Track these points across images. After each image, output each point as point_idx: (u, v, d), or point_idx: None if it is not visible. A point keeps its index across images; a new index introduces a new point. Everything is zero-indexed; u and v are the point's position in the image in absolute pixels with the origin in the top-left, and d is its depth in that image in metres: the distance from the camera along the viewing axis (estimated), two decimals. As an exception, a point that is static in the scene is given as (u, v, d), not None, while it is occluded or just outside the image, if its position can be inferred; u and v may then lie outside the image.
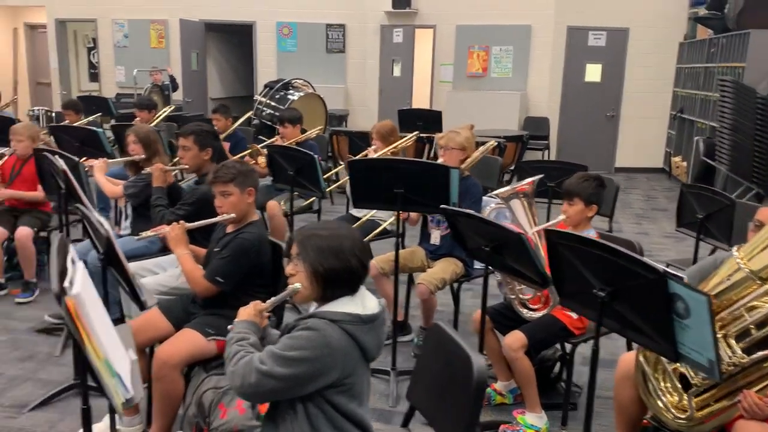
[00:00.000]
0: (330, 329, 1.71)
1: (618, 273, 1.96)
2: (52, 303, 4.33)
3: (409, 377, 3.15)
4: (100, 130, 5.42)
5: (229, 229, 2.77)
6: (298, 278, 1.80)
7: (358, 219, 4.54)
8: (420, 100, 10.80)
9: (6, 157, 4.56)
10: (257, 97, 8.60)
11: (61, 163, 3.17)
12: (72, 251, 1.71)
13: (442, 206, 2.89)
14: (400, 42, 10.59)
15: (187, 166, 3.35)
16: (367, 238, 4.22)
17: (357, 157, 4.19)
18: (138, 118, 6.12)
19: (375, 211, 4.43)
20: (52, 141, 5.68)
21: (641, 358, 2.35)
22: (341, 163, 6.93)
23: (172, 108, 6.49)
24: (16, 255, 4.62)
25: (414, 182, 3.14)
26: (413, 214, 3.82)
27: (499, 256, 2.69)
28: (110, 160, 4.09)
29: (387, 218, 4.50)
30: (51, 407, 3.09)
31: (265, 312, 1.95)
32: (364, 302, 1.80)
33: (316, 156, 4.05)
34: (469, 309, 4.16)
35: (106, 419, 2.88)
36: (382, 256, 3.79)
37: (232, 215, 2.67)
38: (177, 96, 10.26)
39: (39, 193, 4.49)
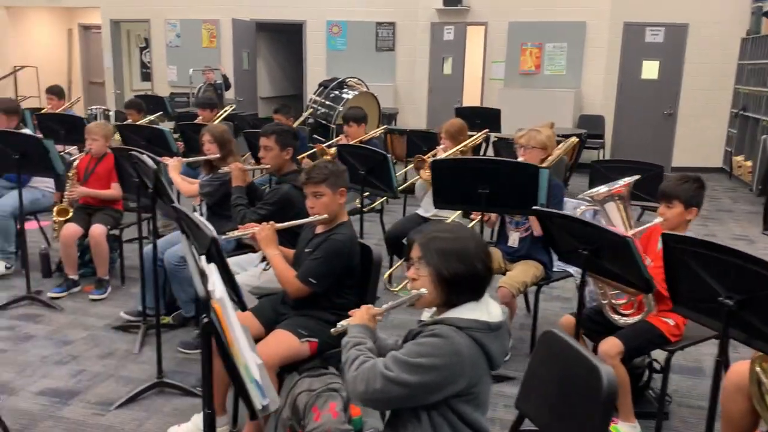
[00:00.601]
0: (458, 337, 1.65)
1: (749, 280, 1.86)
2: (124, 300, 4.41)
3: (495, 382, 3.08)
4: (166, 129, 5.49)
5: (319, 229, 2.74)
6: (420, 283, 1.74)
7: (426, 219, 4.48)
8: (470, 98, 10.70)
9: (81, 156, 4.64)
10: (312, 96, 8.61)
11: (150, 163, 3.19)
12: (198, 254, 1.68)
13: (535, 207, 2.81)
14: (451, 39, 10.50)
15: (268, 166, 3.34)
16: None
17: (439, 157, 4.16)
18: (200, 117, 6.16)
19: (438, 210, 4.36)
20: (118, 139, 5.78)
21: (758, 368, 2.23)
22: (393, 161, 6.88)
23: (233, 107, 6.52)
24: (88, 252, 4.70)
25: (500, 182, 3.07)
26: (492, 215, 3.75)
27: (597, 259, 2.60)
28: (185, 159, 4.11)
29: (457, 219, 4.43)
30: (136, 405, 3.10)
31: (378, 316, 1.91)
32: (489, 308, 1.74)
33: (388, 155, 4.00)
34: (544, 313, 4.07)
35: (195, 419, 2.89)
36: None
37: (324, 216, 2.64)
38: (228, 95, 10.35)
39: (114, 192, 4.55)
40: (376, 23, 10.82)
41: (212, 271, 1.54)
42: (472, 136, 4.76)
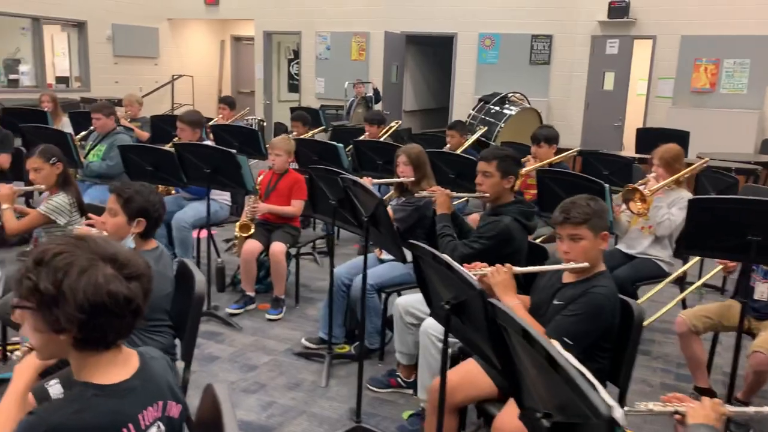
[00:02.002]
0: None
1: None
2: (300, 322, 4.23)
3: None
4: (339, 144, 5.33)
5: (568, 278, 2.35)
6: None
7: (629, 256, 3.98)
8: (631, 117, 9.93)
9: (263, 173, 4.55)
10: (471, 112, 8.27)
11: (351, 183, 2.95)
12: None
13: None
14: (614, 53, 9.79)
15: (487, 195, 2.99)
16: (656, 286, 3.64)
17: (653, 187, 3.67)
18: (367, 133, 5.98)
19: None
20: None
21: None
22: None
23: (398, 123, 6.28)
24: (262, 269, 4.60)
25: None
26: (731, 262, 3.20)
27: None
28: (377, 180, 3.86)
29: (667, 258, 3.88)
30: (334, 450, 2.86)
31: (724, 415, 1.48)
32: None
33: (606, 185, 3.54)
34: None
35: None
36: (692, 310, 3.21)
37: (585, 264, 2.24)
38: (376, 108, 10.24)
39: (295, 209, 4.41)
40: (532, 36, 10.31)
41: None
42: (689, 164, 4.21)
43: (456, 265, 1.89)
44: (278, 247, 4.24)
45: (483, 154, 3.02)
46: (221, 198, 4.96)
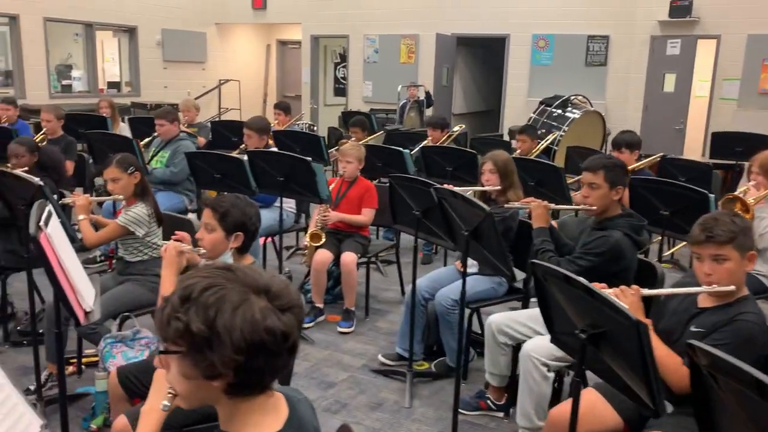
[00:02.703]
0: None
1: None
2: (372, 336, 4.07)
3: None
4: (405, 150, 5.16)
5: (705, 302, 2.12)
6: None
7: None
8: (693, 120, 9.56)
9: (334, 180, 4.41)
10: (531, 115, 8.03)
11: (448, 194, 2.77)
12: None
13: None
14: (676, 54, 9.43)
15: (594, 208, 2.78)
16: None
17: (755, 196, 3.41)
18: (430, 138, 5.80)
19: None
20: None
21: None
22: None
23: (462, 127, 6.08)
24: (330, 279, 4.46)
25: None
26: None
27: None
28: (466, 188, 3.66)
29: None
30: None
31: None
32: None
33: (711, 195, 3.30)
34: None
35: None
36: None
37: (730, 288, 2.01)
38: (428, 112, 10.05)
39: (366, 218, 4.27)
40: (588, 36, 10.00)
41: None
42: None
43: (601, 291, 1.69)
44: (350, 257, 4.09)
45: (588, 164, 2.81)
46: (286, 205, 4.82)
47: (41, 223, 1.86)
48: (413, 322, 3.43)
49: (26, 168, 3.69)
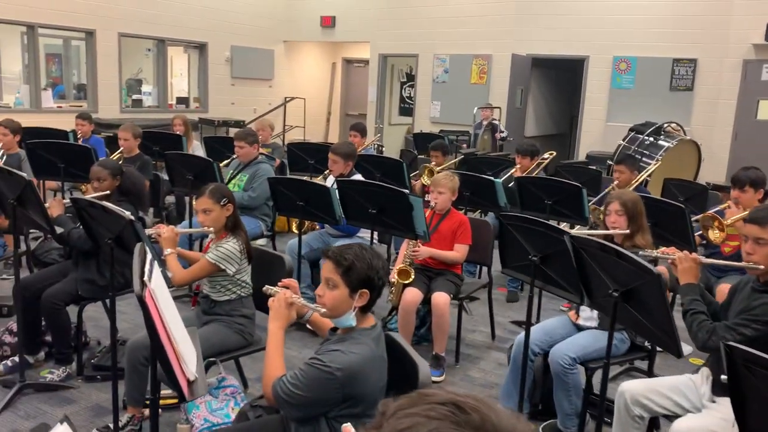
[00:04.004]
0: None
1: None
2: (466, 386, 3.70)
3: None
4: (498, 180, 4.81)
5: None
6: None
7: None
8: (789, 150, 8.89)
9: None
10: (620, 142, 7.56)
11: (596, 247, 2.39)
12: None
13: None
14: (773, 79, 8.81)
15: (761, 267, 2.35)
16: None
17: None
18: (518, 166, 5.42)
19: None
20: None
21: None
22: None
23: (553, 154, 5.68)
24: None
25: None
26: None
27: None
28: (593, 231, 3.28)
29: None
30: None
31: None
32: None
33: None
34: None
35: None
36: None
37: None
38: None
39: (459, 254, 3.92)
40: (674, 60, 9.47)
41: None
42: None
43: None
44: (442, 298, 3.74)
45: (757, 216, 2.38)
46: (367, 236, 4.55)
47: (145, 278, 1.58)
48: (524, 383, 3.04)
49: (108, 192, 3.49)
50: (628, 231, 3.07)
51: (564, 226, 3.75)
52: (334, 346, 1.91)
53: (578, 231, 2.77)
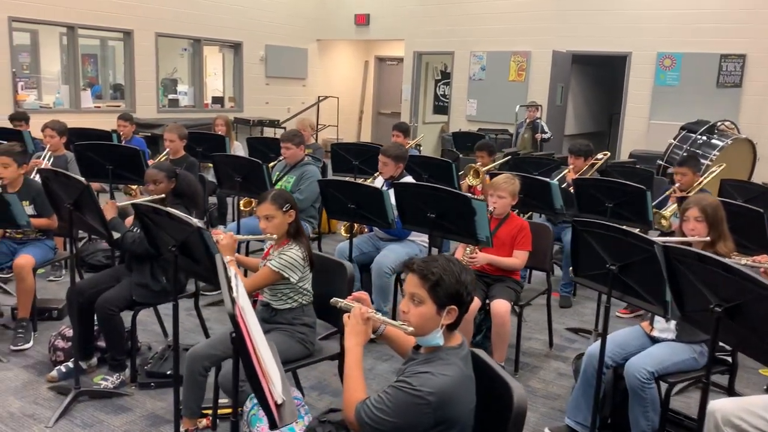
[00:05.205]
0: None
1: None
2: (530, 399, 3.55)
3: None
4: (554, 182, 4.65)
5: None
6: None
7: None
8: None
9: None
10: (671, 141, 7.32)
11: (693, 258, 2.22)
12: None
13: None
14: (827, 75, 8.47)
15: None
16: None
17: None
18: (571, 167, 5.24)
19: None
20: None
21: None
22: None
23: (607, 154, 5.49)
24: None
25: None
26: None
27: None
28: (669, 239, 3.11)
29: None
30: None
31: None
32: None
33: None
34: None
35: None
36: None
37: None
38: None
39: (518, 261, 3.77)
40: (721, 55, 9.16)
41: None
42: None
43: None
44: (503, 306, 3.60)
45: None
46: (419, 239, 4.42)
47: (234, 294, 1.48)
48: (597, 398, 2.89)
49: (163, 195, 3.42)
50: (708, 238, 2.90)
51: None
52: (422, 367, 1.79)
53: (662, 239, 2.61)
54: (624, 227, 2.61)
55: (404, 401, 1.72)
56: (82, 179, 2.93)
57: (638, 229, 4.20)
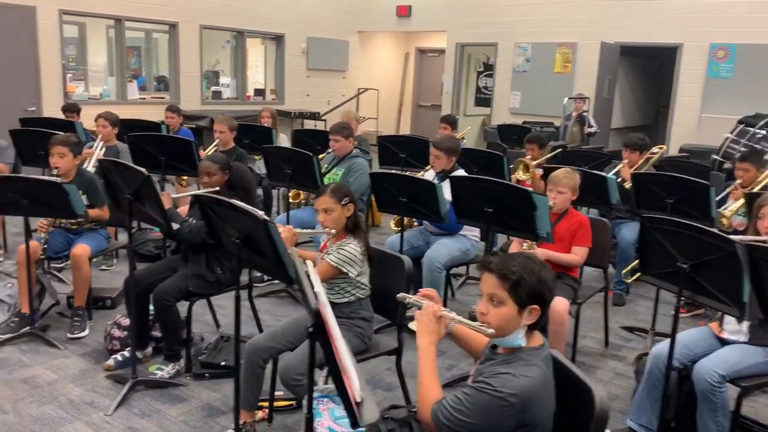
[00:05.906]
0: None
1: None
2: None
3: None
4: (610, 176, 4.52)
5: None
6: None
7: None
8: None
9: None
10: (728, 135, 7.08)
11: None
12: None
13: None
14: None
15: None
16: None
17: None
18: (626, 161, 5.08)
19: None
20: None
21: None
22: None
23: (663, 148, 5.32)
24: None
25: None
26: None
27: None
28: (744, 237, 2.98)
29: None
30: None
31: None
32: None
33: None
34: None
35: None
36: None
37: None
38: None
39: (575, 257, 3.67)
40: (778, 46, 8.83)
41: None
42: None
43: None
44: (561, 304, 3.50)
45: None
46: (471, 234, 4.35)
47: (316, 289, 1.44)
48: (665, 400, 2.79)
49: (217, 187, 3.42)
50: (789, 239, 2.76)
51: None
52: (503, 368, 1.73)
53: (741, 237, 2.49)
54: (698, 225, 2.50)
55: (485, 403, 1.66)
56: (143, 170, 2.93)
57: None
